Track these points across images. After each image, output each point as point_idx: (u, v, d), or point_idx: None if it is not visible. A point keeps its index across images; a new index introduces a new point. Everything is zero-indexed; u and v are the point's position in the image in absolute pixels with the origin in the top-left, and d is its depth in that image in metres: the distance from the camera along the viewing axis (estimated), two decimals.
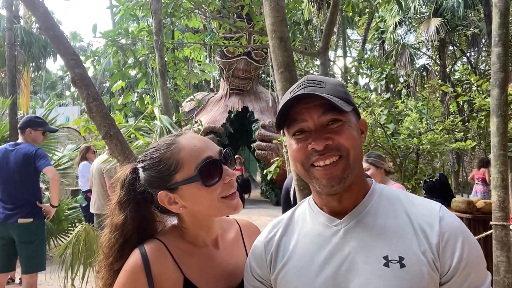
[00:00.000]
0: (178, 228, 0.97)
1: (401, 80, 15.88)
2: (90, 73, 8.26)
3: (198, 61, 7.98)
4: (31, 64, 13.97)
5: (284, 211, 2.75)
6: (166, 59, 6.11)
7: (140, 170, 0.94)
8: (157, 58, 4.50)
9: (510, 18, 2.93)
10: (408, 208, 0.84)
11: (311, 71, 13.78)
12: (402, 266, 0.77)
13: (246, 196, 12.39)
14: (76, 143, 8.56)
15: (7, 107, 5.83)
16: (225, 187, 0.90)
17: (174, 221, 1.00)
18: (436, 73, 15.75)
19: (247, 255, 1.01)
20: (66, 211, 6.11)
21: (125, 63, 6.51)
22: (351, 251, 0.82)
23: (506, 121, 2.78)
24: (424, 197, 4.80)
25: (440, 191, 5.16)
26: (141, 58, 6.57)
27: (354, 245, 0.82)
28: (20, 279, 4.42)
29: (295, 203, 2.56)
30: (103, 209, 5.15)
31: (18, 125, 3.51)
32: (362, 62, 6.06)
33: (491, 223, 2.77)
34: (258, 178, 17.34)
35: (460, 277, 0.77)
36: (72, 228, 5.98)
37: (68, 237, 5.46)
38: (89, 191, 5.61)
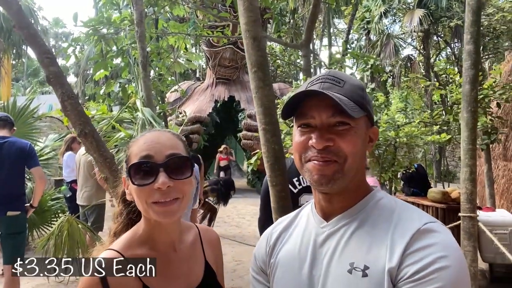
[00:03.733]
0: (134, 234, 0.97)
1: (387, 70, 16.02)
2: (72, 60, 8.16)
3: (183, 50, 7.92)
4: (11, 51, 13.63)
5: (264, 210, 2.59)
6: (149, 49, 6.06)
7: None
8: (138, 50, 4.47)
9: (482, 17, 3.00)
10: (396, 223, 0.80)
11: (297, 61, 13.81)
12: (365, 275, 0.76)
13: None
14: (59, 132, 8.46)
15: None
16: (155, 192, 0.88)
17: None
18: (420, 63, 15.93)
19: (205, 259, 1.05)
20: (49, 201, 6.08)
21: (107, 52, 6.43)
22: (326, 255, 0.84)
23: (476, 117, 2.88)
24: (402, 187, 4.90)
25: (417, 181, 5.31)
26: (124, 48, 6.49)
27: (330, 249, 0.84)
28: (2, 270, 4.43)
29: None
30: (91, 200, 5.14)
31: (7, 118, 3.49)
32: (346, 55, 6.12)
33: (459, 214, 2.89)
34: (244, 167, 17.41)
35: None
36: (55, 219, 5.96)
37: (51, 227, 5.46)
38: (74, 181, 5.58)
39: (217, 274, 1.07)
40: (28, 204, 3.56)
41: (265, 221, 2.64)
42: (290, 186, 2.57)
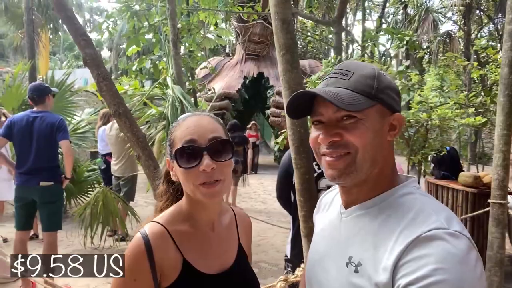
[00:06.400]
0: (178, 210, 1.03)
1: (424, 46, 15.33)
2: (106, 35, 8.36)
3: (214, 25, 7.90)
4: (49, 26, 14.06)
5: (281, 192, 2.41)
6: (180, 25, 6.10)
7: None
8: (169, 27, 4.52)
9: None
10: (406, 225, 0.75)
11: (329, 36, 13.48)
12: (356, 271, 0.78)
13: (255, 160, 12.09)
14: (95, 107, 8.75)
15: (26, 71, 5.99)
16: (201, 174, 0.93)
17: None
18: (460, 40, 15.12)
19: (239, 241, 1.11)
20: (86, 173, 6.41)
21: (139, 28, 6.53)
22: (337, 241, 0.88)
23: None
24: (432, 170, 4.78)
25: (448, 165, 5.17)
26: (156, 24, 6.55)
27: (341, 237, 0.87)
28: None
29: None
30: (125, 172, 5.40)
31: (33, 94, 3.60)
32: (380, 31, 5.92)
33: (489, 200, 2.83)
34: (271, 144, 17.48)
35: None
36: (91, 189, 6.29)
37: (88, 197, 5.78)
38: (108, 154, 5.81)
39: (248, 257, 1.12)
40: (63, 176, 3.77)
41: (281, 195, 2.48)
42: None
